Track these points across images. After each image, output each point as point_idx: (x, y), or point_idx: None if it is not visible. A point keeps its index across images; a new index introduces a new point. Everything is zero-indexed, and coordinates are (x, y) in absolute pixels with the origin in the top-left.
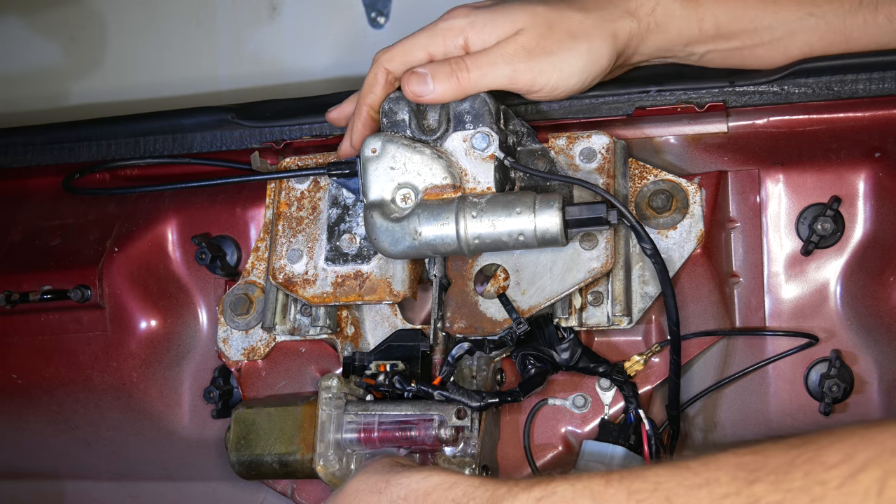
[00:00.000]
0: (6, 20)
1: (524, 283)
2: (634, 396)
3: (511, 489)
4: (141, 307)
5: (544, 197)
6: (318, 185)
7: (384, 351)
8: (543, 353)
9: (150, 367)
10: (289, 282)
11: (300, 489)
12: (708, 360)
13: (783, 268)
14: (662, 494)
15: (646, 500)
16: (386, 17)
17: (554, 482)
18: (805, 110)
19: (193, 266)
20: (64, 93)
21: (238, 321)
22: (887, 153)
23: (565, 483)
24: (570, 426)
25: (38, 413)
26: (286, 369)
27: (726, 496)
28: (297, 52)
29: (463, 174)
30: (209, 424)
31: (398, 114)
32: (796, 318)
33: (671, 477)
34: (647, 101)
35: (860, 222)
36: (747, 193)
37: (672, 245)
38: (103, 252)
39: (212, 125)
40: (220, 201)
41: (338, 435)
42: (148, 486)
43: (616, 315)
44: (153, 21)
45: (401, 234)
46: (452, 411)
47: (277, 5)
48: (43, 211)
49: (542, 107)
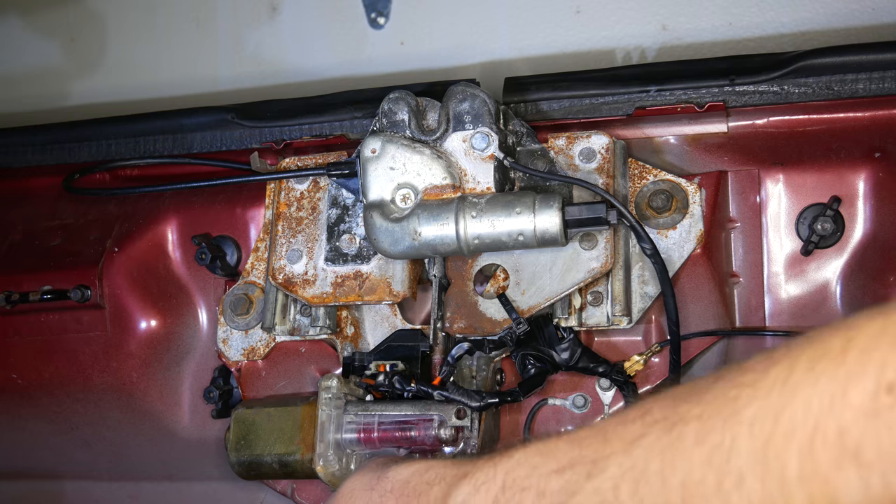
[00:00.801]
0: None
1: (524, 283)
2: (634, 396)
3: (475, 462)
4: (141, 307)
5: (544, 197)
6: (317, 186)
7: (384, 351)
8: (543, 353)
9: (150, 367)
10: (288, 282)
11: (300, 489)
12: (708, 360)
13: (783, 268)
14: (602, 434)
15: (589, 444)
16: (386, 17)
17: (513, 448)
18: (805, 110)
19: (193, 266)
20: (64, 93)
21: (238, 321)
22: (887, 153)
23: (521, 447)
24: (570, 426)
25: (38, 413)
26: (286, 369)
27: (655, 422)
28: (297, 52)
29: (462, 174)
30: (209, 424)
31: (398, 114)
32: (796, 318)
33: (612, 419)
34: (647, 101)
35: (860, 222)
36: (747, 193)
37: (672, 245)
38: (103, 252)
39: (212, 125)
40: (220, 201)
41: (338, 435)
42: (148, 486)
43: (616, 315)
44: (153, 21)
45: (400, 235)
46: (452, 411)
47: (277, 5)
48: (43, 211)
49: (542, 106)
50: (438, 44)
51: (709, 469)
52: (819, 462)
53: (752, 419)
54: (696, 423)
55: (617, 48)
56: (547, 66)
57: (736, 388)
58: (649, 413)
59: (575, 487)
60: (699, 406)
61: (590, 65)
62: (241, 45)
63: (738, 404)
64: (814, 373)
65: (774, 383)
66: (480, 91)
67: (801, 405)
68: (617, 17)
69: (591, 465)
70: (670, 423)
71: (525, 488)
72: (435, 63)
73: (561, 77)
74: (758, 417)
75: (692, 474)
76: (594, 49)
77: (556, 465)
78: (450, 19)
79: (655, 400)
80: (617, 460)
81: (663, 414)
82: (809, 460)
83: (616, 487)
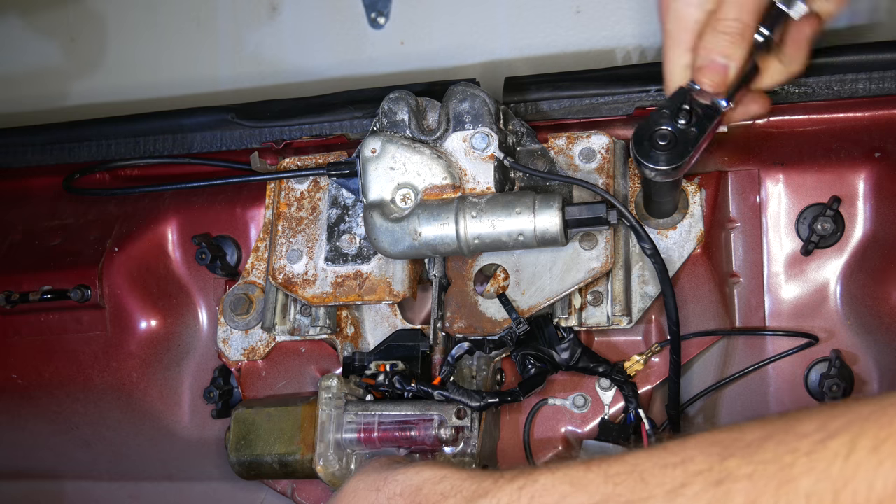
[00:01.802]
0: (6, 20)
1: (524, 283)
2: (634, 396)
3: (496, 481)
4: (141, 307)
5: (544, 197)
6: (317, 186)
7: (384, 351)
8: (543, 353)
9: (150, 367)
10: (289, 282)
11: (300, 489)
12: (708, 360)
13: (783, 268)
14: (638, 475)
15: (623, 481)
16: (386, 17)
17: (536, 471)
18: (805, 110)
19: (193, 266)
20: (64, 93)
21: (238, 321)
22: (887, 153)
23: (546, 471)
24: (570, 426)
25: (38, 413)
26: (286, 369)
27: (699, 473)
28: (297, 52)
29: (463, 174)
30: (209, 424)
31: (398, 114)
32: (796, 318)
33: (648, 458)
34: (647, 101)
35: (860, 222)
36: (747, 193)
37: (672, 245)
38: (103, 252)
39: (212, 125)
40: (220, 201)
41: (338, 435)
42: (148, 486)
43: (616, 315)
44: (153, 21)
45: (401, 235)
46: (452, 411)
47: (277, 5)
48: (43, 211)
49: (542, 106)
50: (438, 44)
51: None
52: None
53: (810, 491)
54: (745, 483)
55: (617, 48)
56: (547, 66)
57: (791, 454)
58: (692, 461)
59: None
60: (750, 466)
61: (590, 65)
62: (241, 45)
63: (793, 472)
64: (878, 454)
65: (835, 458)
66: (480, 91)
67: (863, 485)
68: (617, 17)
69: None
70: (716, 478)
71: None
72: (435, 63)
73: (561, 77)
74: (816, 490)
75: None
76: (594, 49)
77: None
78: (450, 19)
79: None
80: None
81: (708, 465)
82: None
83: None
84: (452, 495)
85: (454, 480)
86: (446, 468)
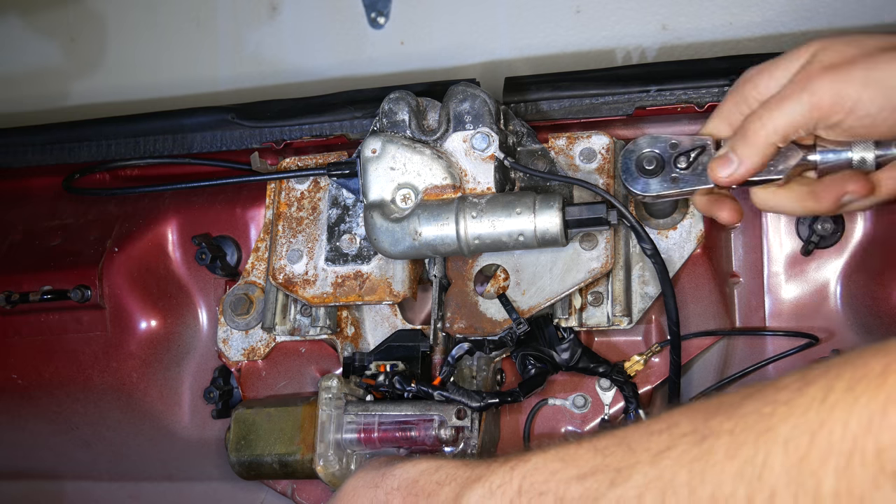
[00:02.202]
0: (6, 20)
1: (524, 283)
2: (634, 396)
3: (490, 465)
4: (141, 307)
5: (544, 197)
6: (318, 186)
7: (384, 351)
8: (543, 354)
9: (150, 367)
10: (289, 282)
11: (300, 489)
12: (708, 360)
13: (783, 268)
14: (626, 444)
15: (612, 452)
16: (386, 17)
17: (529, 453)
18: None
19: (193, 266)
20: (64, 93)
21: (238, 321)
22: None
23: (539, 451)
24: (570, 426)
25: (38, 413)
26: (286, 369)
27: (684, 435)
28: (297, 52)
29: (463, 174)
30: (209, 424)
31: (398, 114)
32: (796, 318)
33: (636, 429)
34: (647, 101)
35: (860, 222)
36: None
37: (672, 245)
38: (103, 252)
39: (212, 125)
40: (220, 201)
41: (338, 435)
42: (148, 486)
43: (616, 315)
44: (153, 21)
45: (401, 235)
46: (452, 411)
47: (277, 5)
48: (43, 211)
49: (543, 106)
50: (438, 44)
51: (740, 483)
52: (855, 481)
53: (788, 436)
54: (727, 437)
55: (617, 48)
56: (547, 66)
57: (770, 405)
58: (677, 426)
59: (597, 494)
60: (731, 420)
61: (590, 65)
62: (241, 45)
63: (772, 421)
64: (853, 393)
65: (812, 402)
66: (481, 91)
67: (839, 424)
68: (617, 17)
69: (614, 473)
70: (700, 436)
71: (543, 493)
72: (435, 63)
73: (561, 77)
74: (793, 435)
75: (722, 487)
76: (594, 49)
77: (576, 472)
78: (450, 19)
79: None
80: (642, 470)
81: (692, 427)
82: (845, 479)
83: (640, 497)
84: (448, 483)
85: (449, 469)
86: (442, 459)
